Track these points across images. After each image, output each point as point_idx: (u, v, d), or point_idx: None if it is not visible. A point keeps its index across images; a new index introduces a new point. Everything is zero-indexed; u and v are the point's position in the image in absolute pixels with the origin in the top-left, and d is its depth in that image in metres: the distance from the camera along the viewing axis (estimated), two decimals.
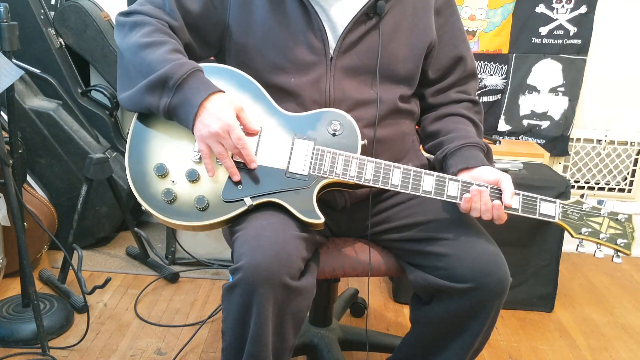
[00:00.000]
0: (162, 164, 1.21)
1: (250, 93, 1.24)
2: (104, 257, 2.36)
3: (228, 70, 1.25)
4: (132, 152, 1.24)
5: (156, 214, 1.20)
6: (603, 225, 1.20)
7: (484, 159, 1.27)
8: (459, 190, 1.18)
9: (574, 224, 1.20)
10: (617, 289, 2.36)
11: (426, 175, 1.19)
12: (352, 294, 1.99)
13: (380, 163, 1.19)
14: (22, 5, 2.25)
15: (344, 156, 1.19)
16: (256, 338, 1.12)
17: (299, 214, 1.18)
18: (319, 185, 1.20)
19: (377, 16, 1.26)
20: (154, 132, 1.24)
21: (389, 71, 1.28)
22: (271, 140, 1.22)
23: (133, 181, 1.22)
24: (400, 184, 1.19)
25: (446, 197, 1.19)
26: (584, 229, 1.19)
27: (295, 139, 1.21)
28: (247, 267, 1.08)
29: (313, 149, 1.20)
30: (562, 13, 2.40)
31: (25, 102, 2.25)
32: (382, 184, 1.19)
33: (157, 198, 1.20)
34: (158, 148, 1.23)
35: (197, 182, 1.20)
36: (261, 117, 1.23)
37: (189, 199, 1.20)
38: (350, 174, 1.19)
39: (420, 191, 1.19)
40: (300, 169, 1.20)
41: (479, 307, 1.19)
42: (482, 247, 1.20)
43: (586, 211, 1.20)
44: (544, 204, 1.19)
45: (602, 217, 1.20)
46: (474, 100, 1.39)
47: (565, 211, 1.19)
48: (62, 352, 1.73)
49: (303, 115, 1.23)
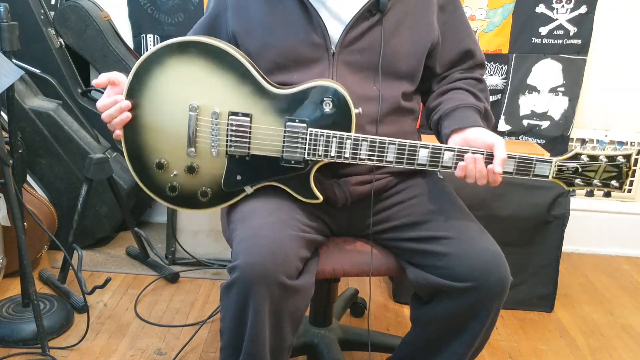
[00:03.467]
0: (160, 162, 1.27)
1: (235, 72, 1.21)
2: (104, 257, 2.36)
3: (214, 48, 1.20)
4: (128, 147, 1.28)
5: (164, 204, 1.31)
6: (598, 172, 1.18)
7: (477, 119, 1.26)
8: (454, 159, 1.18)
9: (567, 179, 1.19)
10: (617, 289, 2.36)
11: (422, 147, 1.19)
12: (352, 294, 1.99)
13: (375, 140, 1.19)
14: (22, 5, 2.25)
15: (338, 137, 1.19)
16: (253, 337, 1.12)
17: (297, 196, 1.24)
18: (314, 167, 1.23)
19: (379, 12, 1.26)
20: (144, 126, 1.26)
21: (390, 68, 1.28)
22: (263, 127, 1.22)
23: (138, 176, 1.29)
24: (395, 160, 1.20)
25: (441, 167, 1.19)
26: (577, 180, 1.18)
27: (287, 122, 1.21)
28: (244, 266, 1.08)
29: (306, 133, 1.20)
30: (562, 13, 2.40)
31: (25, 102, 2.25)
32: (377, 161, 1.20)
33: (164, 192, 1.29)
34: (153, 143, 1.26)
35: (196, 174, 1.27)
36: (249, 100, 1.22)
37: (193, 190, 1.28)
38: (345, 155, 1.20)
39: (416, 165, 1.20)
40: (295, 155, 1.22)
41: (479, 307, 1.19)
42: (482, 246, 1.20)
43: (583, 163, 1.18)
44: (539, 165, 1.18)
45: (599, 164, 1.18)
46: (477, 78, 1.38)
47: (561, 168, 1.19)
48: (62, 352, 1.73)
49: (293, 92, 1.21)
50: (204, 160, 1.26)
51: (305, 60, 1.26)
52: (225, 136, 1.23)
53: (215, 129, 1.23)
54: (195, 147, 1.25)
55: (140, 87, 1.23)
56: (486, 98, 1.37)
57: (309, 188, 1.23)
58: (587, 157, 1.18)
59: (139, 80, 1.23)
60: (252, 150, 1.23)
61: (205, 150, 1.25)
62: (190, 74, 1.21)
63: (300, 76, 1.25)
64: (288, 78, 1.25)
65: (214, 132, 1.23)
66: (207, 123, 1.23)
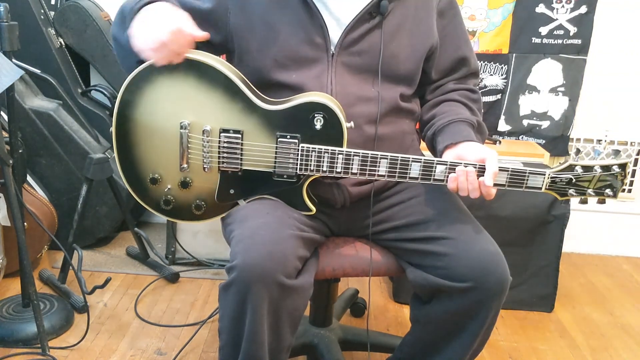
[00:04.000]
0: (154, 177, 1.27)
1: (225, 89, 1.20)
2: (104, 257, 2.36)
3: (200, 65, 1.18)
4: (121, 160, 1.27)
5: (160, 216, 1.32)
6: (592, 182, 1.17)
7: (470, 134, 1.26)
8: (446, 172, 1.18)
9: (561, 190, 1.18)
10: (617, 289, 2.36)
11: (414, 162, 1.19)
12: (352, 294, 1.99)
13: (367, 155, 1.19)
14: (22, 5, 2.26)
15: (329, 152, 1.20)
16: (252, 337, 1.12)
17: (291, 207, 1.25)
18: (307, 182, 1.24)
19: (379, 15, 1.26)
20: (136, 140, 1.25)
21: (389, 71, 1.28)
22: (254, 143, 1.22)
23: (131, 188, 1.29)
24: (387, 174, 1.20)
25: (433, 180, 1.20)
26: (571, 191, 1.18)
27: (279, 138, 1.21)
28: (242, 266, 1.09)
29: (297, 149, 1.20)
30: (562, 13, 2.40)
31: (25, 102, 2.25)
32: (369, 175, 1.21)
33: (158, 204, 1.29)
34: (146, 157, 1.26)
35: (190, 189, 1.27)
36: (239, 117, 1.21)
37: (187, 204, 1.28)
38: (337, 169, 1.21)
39: (408, 178, 1.20)
40: (287, 170, 1.22)
41: (478, 307, 1.19)
42: (482, 246, 1.20)
43: (577, 174, 1.17)
44: (532, 177, 1.18)
45: (593, 174, 1.17)
46: (471, 89, 1.38)
47: (554, 180, 1.18)
48: (62, 352, 1.73)
49: (284, 109, 1.21)
50: (196, 175, 1.26)
51: (305, 59, 1.25)
52: (217, 153, 1.23)
53: (206, 146, 1.23)
54: (187, 163, 1.25)
55: (132, 102, 1.22)
56: (479, 109, 1.37)
57: (302, 200, 1.24)
58: (582, 168, 1.17)
59: (131, 95, 1.22)
60: (244, 166, 1.23)
61: (198, 166, 1.25)
62: (180, 92, 1.20)
63: (299, 76, 1.25)
64: (287, 77, 1.25)
65: (206, 149, 1.23)
66: (199, 140, 1.23)
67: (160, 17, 1.14)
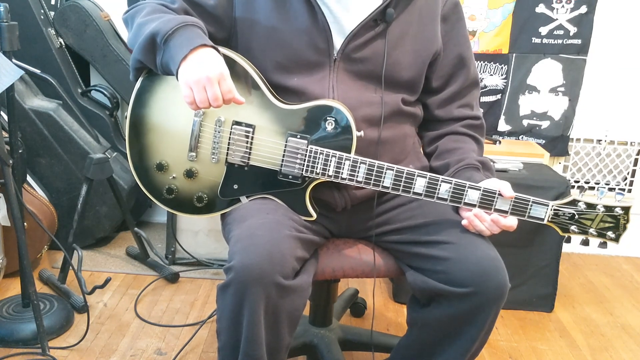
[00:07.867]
0: (161, 163, 1.28)
1: (244, 84, 1.23)
2: (104, 257, 2.36)
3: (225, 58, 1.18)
4: (131, 144, 1.29)
5: (161, 206, 1.32)
6: (595, 221, 1.18)
7: (472, 176, 1.26)
8: (450, 192, 1.19)
9: (563, 224, 1.19)
10: (617, 289, 2.36)
11: (419, 177, 1.19)
12: (352, 294, 1.99)
13: (374, 164, 1.20)
14: (22, 5, 2.26)
15: (337, 157, 1.20)
16: (250, 337, 1.12)
17: (292, 210, 1.25)
18: (311, 185, 1.24)
19: (384, 23, 1.25)
20: (149, 125, 1.27)
21: (391, 77, 1.28)
22: (264, 139, 1.23)
23: (136, 172, 1.30)
24: (392, 186, 1.20)
25: (436, 198, 1.20)
26: (573, 227, 1.18)
27: (289, 137, 1.22)
28: (239, 267, 1.08)
29: (306, 149, 1.21)
30: (562, 13, 2.40)
31: (25, 102, 2.25)
32: (373, 185, 1.21)
33: (161, 193, 1.31)
34: (156, 143, 1.28)
35: (194, 179, 1.28)
36: (254, 112, 1.23)
37: (189, 196, 1.29)
38: (342, 175, 1.21)
39: (411, 193, 1.20)
40: (293, 171, 1.22)
41: (477, 312, 1.18)
42: (482, 252, 1.19)
43: (580, 210, 1.18)
44: (535, 207, 1.19)
45: (596, 212, 1.18)
46: (475, 116, 1.38)
47: (557, 213, 1.18)
48: (62, 352, 1.73)
49: (298, 108, 1.23)
50: (203, 165, 1.27)
51: (307, 63, 1.25)
52: (226, 144, 1.24)
53: (217, 136, 1.24)
54: (196, 152, 1.26)
55: (151, 87, 1.25)
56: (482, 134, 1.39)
57: (304, 205, 1.24)
58: (585, 205, 1.18)
59: (150, 81, 1.25)
60: (252, 161, 1.24)
61: (206, 156, 1.26)
62: None
63: (299, 80, 1.25)
64: (287, 80, 1.25)
65: (216, 139, 1.24)
66: (211, 129, 1.24)
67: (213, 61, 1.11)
